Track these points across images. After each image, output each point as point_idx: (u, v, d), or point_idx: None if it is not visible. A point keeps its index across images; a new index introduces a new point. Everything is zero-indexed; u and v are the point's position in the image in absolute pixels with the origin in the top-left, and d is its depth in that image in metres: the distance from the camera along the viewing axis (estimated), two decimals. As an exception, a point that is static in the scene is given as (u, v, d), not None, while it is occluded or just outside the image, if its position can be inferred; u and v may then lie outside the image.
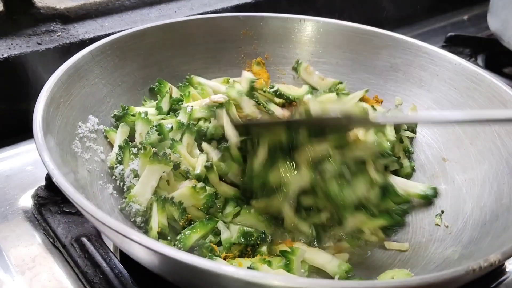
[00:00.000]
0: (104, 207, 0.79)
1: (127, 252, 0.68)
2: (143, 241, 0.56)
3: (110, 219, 0.59)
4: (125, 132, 0.91)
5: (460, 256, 0.74)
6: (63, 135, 0.80)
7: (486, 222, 0.78)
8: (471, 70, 0.96)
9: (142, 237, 0.57)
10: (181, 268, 0.57)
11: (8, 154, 1.01)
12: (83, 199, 0.62)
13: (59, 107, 0.81)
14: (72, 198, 0.63)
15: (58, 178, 0.65)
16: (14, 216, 0.87)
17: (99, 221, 0.60)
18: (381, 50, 1.09)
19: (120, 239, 0.61)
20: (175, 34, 1.06)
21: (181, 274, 0.62)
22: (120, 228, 0.58)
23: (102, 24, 1.20)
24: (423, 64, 1.05)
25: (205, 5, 1.35)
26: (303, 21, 1.14)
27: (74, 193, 0.63)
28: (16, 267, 0.78)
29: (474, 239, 0.76)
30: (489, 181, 0.84)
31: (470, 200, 0.85)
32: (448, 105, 0.99)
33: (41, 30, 1.14)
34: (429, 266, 0.76)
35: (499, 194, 0.81)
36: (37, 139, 0.70)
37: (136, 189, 0.80)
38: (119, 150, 0.85)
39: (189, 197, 0.80)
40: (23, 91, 1.06)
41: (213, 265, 0.53)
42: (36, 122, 0.73)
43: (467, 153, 0.92)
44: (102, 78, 0.94)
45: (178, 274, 0.64)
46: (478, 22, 1.65)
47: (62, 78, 0.83)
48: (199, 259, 0.53)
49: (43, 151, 0.68)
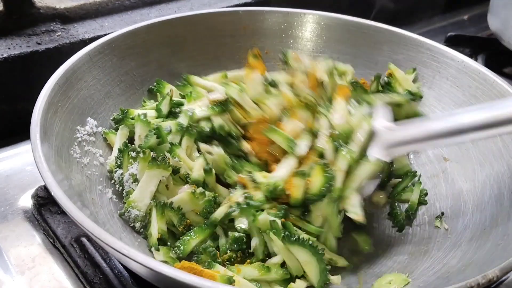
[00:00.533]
0: (103, 213, 0.78)
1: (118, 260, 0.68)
2: (140, 260, 0.56)
3: (100, 230, 0.60)
4: (124, 135, 0.90)
5: (460, 262, 0.73)
6: (61, 141, 0.79)
7: (486, 227, 0.77)
8: (474, 68, 0.95)
9: (131, 251, 0.57)
10: (173, 283, 0.57)
11: (8, 154, 1.01)
12: (75, 209, 0.62)
13: (57, 112, 0.80)
14: (65, 208, 0.63)
15: (54, 189, 0.65)
16: (14, 216, 0.87)
17: (90, 232, 0.60)
18: (383, 45, 1.08)
19: (110, 250, 0.61)
20: (173, 31, 1.06)
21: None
22: (109, 240, 0.58)
23: (102, 24, 1.20)
24: (425, 61, 1.03)
25: (205, 4, 1.34)
26: (303, 15, 1.13)
27: (67, 203, 0.63)
28: (16, 267, 0.78)
29: (474, 244, 0.76)
30: (490, 183, 0.84)
31: (470, 202, 0.84)
32: (450, 103, 0.98)
33: (41, 30, 1.14)
34: (428, 271, 0.76)
35: (499, 198, 0.80)
36: (35, 148, 0.70)
37: (135, 195, 0.80)
38: (119, 153, 0.85)
39: (188, 202, 0.80)
40: (23, 91, 1.06)
41: (213, 285, 0.53)
42: (33, 130, 0.73)
43: (468, 153, 0.91)
44: (100, 78, 0.93)
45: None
46: (478, 22, 1.65)
47: (59, 82, 0.83)
48: (197, 278, 0.54)
49: (40, 162, 0.68)
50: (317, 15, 1.12)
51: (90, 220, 0.61)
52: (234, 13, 1.12)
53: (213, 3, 1.35)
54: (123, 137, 0.90)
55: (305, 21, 1.13)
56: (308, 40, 1.13)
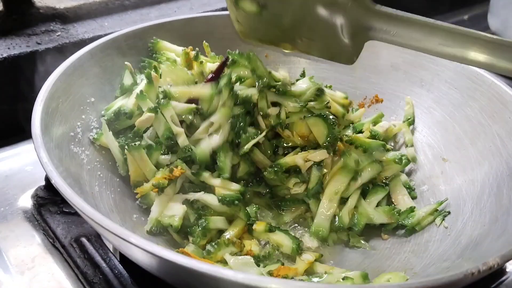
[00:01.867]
0: (103, 207, 0.78)
1: (125, 254, 0.68)
2: (140, 244, 0.56)
3: (109, 221, 0.59)
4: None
5: (459, 258, 0.74)
6: (62, 136, 0.80)
7: (485, 224, 0.77)
8: (472, 70, 0.96)
9: (140, 240, 0.57)
10: (180, 270, 0.57)
11: (8, 154, 1.01)
12: (82, 201, 0.62)
13: (58, 107, 0.81)
14: (70, 201, 0.63)
15: (58, 181, 0.65)
16: (14, 216, 0.87)
17: (97, 223, 0.60)
18: (382, 48, 1.08)
19: (118, 241, 0.61)
20: (174, 32, 1.06)
21: (180, 276, 0.63)
22: (117, 230, 0.58)
23: (101, 24, 1.20)
24: (424, 63, 1.04)
25: (205, 4, 1.35)
26: (303, 18, 1.13)
27: (73, 196, 0.63)
28: (16, 268, 0.78)
29: (474, 240, 0.76)
30: (489, 182, 0.84)
31: (470, 201, 0.85)
32: (449, 104, 0.98)
33: (40, 30, 1.14)
34: (428, 268, 0.76)
35: (498, 196, 0.80)
36: (36, 141, 0.71)
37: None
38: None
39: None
40: (23, 91, 1.06)
41: (211, 268, 0.53)
42: (34, 125, 0.73)
43: (467, 153, 0.92)
44: (101, 77, 0.94)
45: (177, 276, 0.64)
46: (478, 22, 1.65)
47: (61, 78, 0.83)
48: (198, 262, 0.54)
49: (41, 154, 0.69)
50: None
51: (98, 212, 0.61)
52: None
53: (213, 3, 1.35)
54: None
55: (304, 23, 1.13)
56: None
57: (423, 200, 0.93)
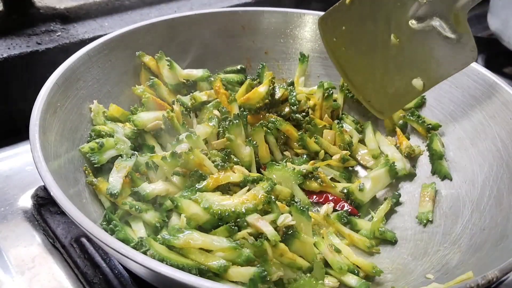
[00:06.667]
0: (101, 213, 0.78)
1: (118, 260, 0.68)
2: (129, 255, 0.57)
3: (99, 229, 0.60)
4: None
5: (459, 262, 0.74)
6: (61, 141, 0.79)
7: (485, 228, 0.77)
8: (473, 69, 0.95)
9: (130, 251, 0.57)
10: (172, 283, 0.58)
11: (8, 154, 1.01)
12: (78, 212, 0.62)
13: (56, 112, 0.81)
14: (67, 212, 0.63)
15: (53, 189, 0.65)
16: (14, 216, 0.87)
17: (89, 232, 0.60)
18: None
19: (108, 250, 0.62)
20: (172, 30, 1.06)
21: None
22: (108, 240, 0.59)
23: (101, 24, 1.20)
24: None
25: (205, 4, 1.35)
26: (303, 15, 1.13)
27: (69, 206, 0.63)
28: (16, 267, 0.78)
29: (473, 244, 0.76)
30: (489, 184, 0.84)
31: (469, 203, 0.84)
32: (449, 103, 0.98)
33: (40, 30, 1.14)
34: (428, 272, 0.76)
35: (498, 199, 0.80)
36: (34, 148, 0.70)
37: None
38: None
39: None
40: (23, 91, 1.06)
41: (200, 282, 0.54)
42: (32, 130, 0.73)
43: (467, 154, 0.91)
44: (100, 78, 0.94)
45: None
46: (478, 22, 1.65)
47: (58, 82, 0.83)
48: (187, 275, 0.54)
49: (38, 162, 0.68)
50: (316, 15, 1.11)
51: (89, 220, 0.61)
52: (233, 13, 1.12)
53: (213, 3, 1.35)
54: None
55: (304, 21, 1.13)
56: (308, 40, 1.13)
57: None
